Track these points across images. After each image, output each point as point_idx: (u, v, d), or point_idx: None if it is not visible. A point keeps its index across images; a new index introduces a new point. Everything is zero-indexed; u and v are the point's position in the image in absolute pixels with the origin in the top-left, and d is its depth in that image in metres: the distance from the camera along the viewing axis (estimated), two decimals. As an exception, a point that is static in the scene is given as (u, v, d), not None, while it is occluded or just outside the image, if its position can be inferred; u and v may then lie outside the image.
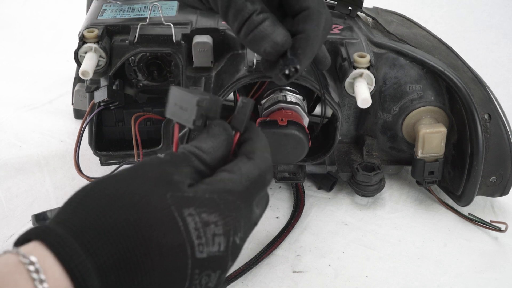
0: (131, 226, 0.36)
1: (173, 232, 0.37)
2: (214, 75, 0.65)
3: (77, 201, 0.37)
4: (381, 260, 0.63)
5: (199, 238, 0.37)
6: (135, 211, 0.36)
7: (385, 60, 0.66)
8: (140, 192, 0.37)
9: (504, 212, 0.70)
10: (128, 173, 0.39)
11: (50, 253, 0.34)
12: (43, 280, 0.33)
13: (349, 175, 0.69)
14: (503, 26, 1.04)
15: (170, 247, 0.36)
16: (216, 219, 0.38)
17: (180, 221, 0.37)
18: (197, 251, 0.37)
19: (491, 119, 0.64)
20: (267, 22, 0.49)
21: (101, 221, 0.36)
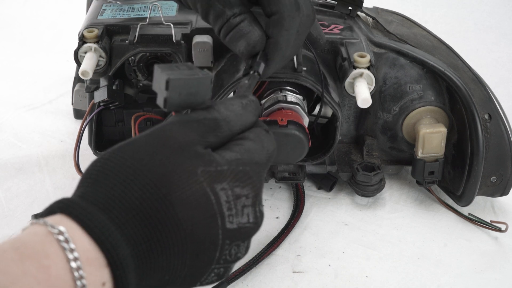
0: (160, 201, 0.35)
1: (205, 206, 0.37)
2: (214, 75, 0.65)
3: (96, 173, 0.36)
4: (381, 260, 0.63)
5: (230, 210, 0.38)
6: (163, 186, 0.35)
7: (385, 60, 0.66)
8: (166, 165, 0.36)
9: (504, 212, 0.70)
10: (147, 141, 0.37)
11: (77, 225, 0.34)
12: (73, 249, 0.32)
13: (349, 175, 0.69)
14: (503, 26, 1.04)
15: (202, 219, 0.36)
16: (248, 192, 0.39)
17: (212, 195, 0.37)
18: (227, 222, 0.38)
19: (491, 119, 0.64)
20: (244, 22, 0.50)
21: (127, 197, 0.35)
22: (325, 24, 0.68)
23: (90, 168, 0.37)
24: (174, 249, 0.36)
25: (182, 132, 0.38)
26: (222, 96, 0.62)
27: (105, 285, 0.33)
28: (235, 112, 0.41)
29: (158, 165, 0.36)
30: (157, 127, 0.39)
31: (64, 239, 0.32)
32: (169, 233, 0.36)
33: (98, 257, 0.33)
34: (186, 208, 0.36)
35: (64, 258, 0.32)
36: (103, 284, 0.33)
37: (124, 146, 0.37)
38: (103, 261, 0.33)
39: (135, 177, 0.35)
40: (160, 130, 0.38)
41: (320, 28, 0.58)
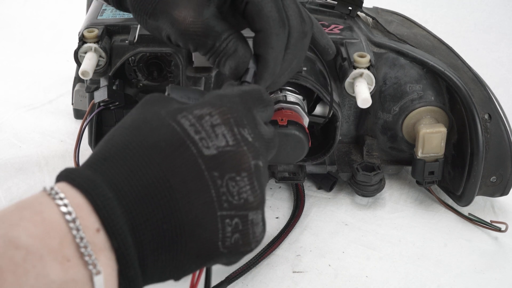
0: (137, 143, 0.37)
1: (170, 134, 0.37)
2: (214, 75, 0.65)
3: (98, 146, 0.40)
4: (381, 260, 0.63)
5: (198, 133, 0.37)
6: (141, 131, 0.38)
7: (385, 60, 0.66)
8: (145, 115, 0.39)
9: (504, 212, 0.70)
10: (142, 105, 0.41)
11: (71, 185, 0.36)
12: (62, 198, 0.34)
13: (349, 175, 0.69)
14: (503, 26, 1.04)
15: (173, 149, 0.36)
16: (209, 110, 0.38)
17: (174, 124, 0.37)
18: (202, 147, 0.37)
19: (491, 119, 0.64)
20: (229, 44, 0.48)
21: (109, 149, 0.38)
22: (325, 24, 0.68)
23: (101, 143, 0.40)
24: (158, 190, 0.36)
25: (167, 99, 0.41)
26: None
27: (99, 231, 0.34)
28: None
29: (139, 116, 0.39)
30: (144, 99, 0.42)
31: (55, 192, 0.35)
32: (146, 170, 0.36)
33: (85, 203, 0.35)
34: (157, 142, 0.37)
35: (55, 205, 0.34)
36: (97, 230, 0.34)
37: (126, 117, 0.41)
38: (91, 208, 0.35)
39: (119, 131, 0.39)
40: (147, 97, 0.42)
41: (328, 38, 0.57)
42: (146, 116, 0.39)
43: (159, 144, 0.37)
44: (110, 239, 0.34)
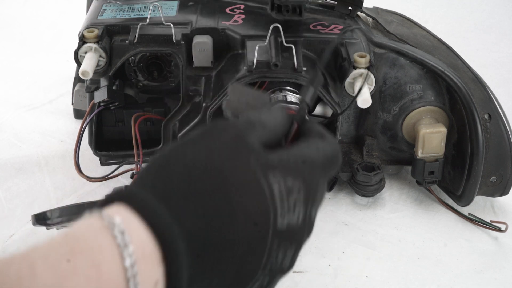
0: (216, 191, 0.35)
1: (259, 196, 0.36)
2: (214, 75, 0.65)
3: (158, 166, 0.36)
4: (381, 260, 0.63)
5: (282, 202, 0.36)
6: (219, 176, 0.35)
7: (385, 60, 0.66)
8: (222, 156, 0.36)
9: (504, 212, 0.70)
10: (203, 138, 0.38)
11: (135, 215, 0.33)
12: (127, 244, 0.31)
13: (349, 175, 0.69)
14: (503, 26, 1.04)
15: (255, 211, 0.35)
16: (299, 185, 0.37)
17: (265, 184, 0.36)
18: (279, 219, 0.36)
19: (491, 119, 0.64)
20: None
21: (185, 187, 0.35)
22: (325, 24, 0.68)
23: (151, 162, 0.37)
24: (226, 244, 0.35)
25: (238, 124, 0.39)
26: (222, 96, 0.62)
27: (157, 284, 0.32)
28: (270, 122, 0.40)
29: (217, 154, 0.36)
30: (211, 125, 0.39)
31: (119, 231, 0.31)
32: (223, 229, 0.35)
33: (153, 251, 0.32)
34: (241, 196, 0.35)
35: (118, 254, 0.30)
36: (156, 283, 0.32)
37: (183, 144, 0.38)
38: (159, 256, 0.32)
39: (194, 169, 0.35)
40: (211, 127, 0.39)
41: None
42: (230, 155, 0.36)
43: (245, 203, 0.35)
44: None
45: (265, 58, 0.61)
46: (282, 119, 0.41)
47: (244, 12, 0.69)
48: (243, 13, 0.69)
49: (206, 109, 0.63)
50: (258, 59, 0.61)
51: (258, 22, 0.68)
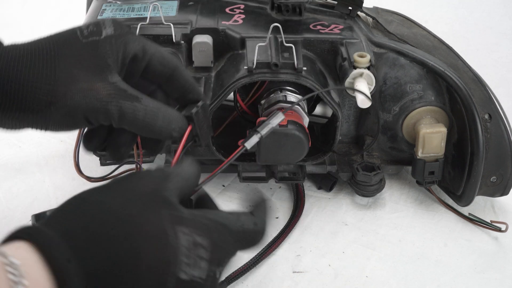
0: (124, 238, 0.36)
1: (164, 247, 0.37)
2: (214, 75, 0.65)
3: (72, 208, 0.38)
4: (381, 260, 0.63)
5: (187, 258, 0.38)
6: (130, 225, 0.37)
7: (385, 60, 0.66)
8: (136, 207, 0.38)
9: (504, 212, 0.70)
10: (122, 186, 0.40)
11: (36, 254, 0.34)
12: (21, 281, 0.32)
13: (349, 175, 0.69)
14: (503, 26, 1.04)
15: (158, 260, 0.37)
16: (207, 244, 0.39)
17: (172, 236, 0.37)
18: (181, 271, 0.37)
19: (492, 119, 0.64)
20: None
21: (95, 230, 0.36)
22: (325, 24, 0.68)
23: (66, 204, 0.38)
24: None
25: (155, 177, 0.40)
26: (222, 96, 0.62)
27: None
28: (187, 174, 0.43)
29: (131, 204, 0.38)
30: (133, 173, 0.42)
31: (16, 273, 0.33)
32: (125, 274, 0.36)
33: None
34: (148, 245, 0.37)
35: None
36: None
37: (104, 188, 0.39)
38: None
39: (109, 213, 0.37)
40: (135, 175, 0.41)
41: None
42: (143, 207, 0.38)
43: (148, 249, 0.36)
44: None
45: (265, 58, 0.61)
46: (194, 170, 0.43)
47: (244, 12, 0.69)
48: (243, 13, 0.69)
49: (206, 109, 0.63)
50: (258, 59, 0.61)
51: (258, 22, 0.68)
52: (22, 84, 0.44)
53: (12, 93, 0.44)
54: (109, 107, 0.44)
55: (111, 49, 0.45)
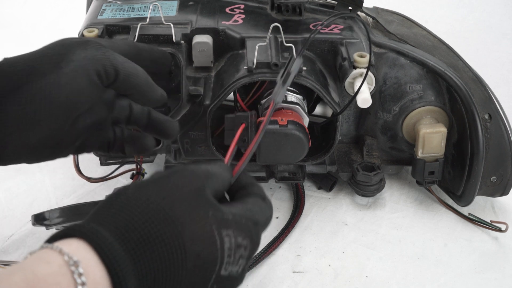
0: (173, 238, 0.38)
1: (211, 249, 0.39)
2: (214, 75, 0.65)
3: (120, 205, 0.39)
4: (381, 260, 0.63)
5: (229, 257, 0.41)
6: (178, 226, 0.39)
7: (385, 60, 0.66)
8: (182, 207, 0.40)
9: (504, 212, 0.70)
10: (167, 184, 0.41)
11: (94, 254, 0.35)
12: (84, 283, 0.34)
13: (349, 175, 0.69)
14: (503, 26, 1.04)
15: (205, 261, 0.39)
16: (246, 244, 0.42)
17: (218, 240, 0.40)
18: (223, 269, 0.40)
19: (492, 119, 0.64)
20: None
21: (146, 230, 0.37)
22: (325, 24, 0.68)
23: (114, 199, 0.39)
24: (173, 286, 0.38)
25: (200, 175, 0.42)
26: (222, 96, 0.62)
27: None
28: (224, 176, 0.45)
29: (178, 204, 0.40)
30: (176, 170, 0.43)
31: (77, 272, 0.34)
32: (174, 273, 0.38)
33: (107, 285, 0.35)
34: (195, 246, 0.39)
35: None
36: None
37: (147, 185, 0.41)
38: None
39: (157, 212, 0.38)
40: (179, 173, 0.42)
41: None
42: (190, 207, 0.40)
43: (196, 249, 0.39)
44: None
45: (265, 58, 0.61)
46: (229, 173, 0.46)
47: (244, 12, 0.69)
48: (243, 13, 0.69)
49: (206, 109, 0.63)
50: (258, 59, 0.61)
51: (258, 22, 0.68)
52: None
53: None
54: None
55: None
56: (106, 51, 0.49)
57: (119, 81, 0.49)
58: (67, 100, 0.46)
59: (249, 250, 0.42)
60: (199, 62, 0.65)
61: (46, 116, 0.46)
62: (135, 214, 0.38)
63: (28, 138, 0.46)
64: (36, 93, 0.45)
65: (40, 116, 0.45)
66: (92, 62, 0.48)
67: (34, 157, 0.48)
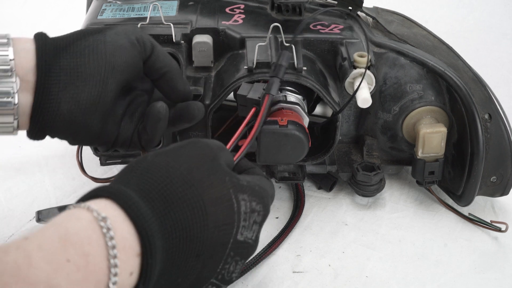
0: (194, 200, 0.40)
1: (229, 211, 0.42)
2: (214, 75, 0.66)
3: (142, 169, 0.41)
4: (381, 260, 0.63)
5: (244, 221, 0.43)
6: (198, 188, 0.41)
7: (385, 60, 0.66)
8: (201, 173, 0.43)
9: (504, 212, 0.70)
10: (185, 152, 0.44)
11: (121, 212, 0.37)
12: (112, 237, 0.35)
13: (349, 175, 0.69)
14: (503, 26, 1.04)
15: (224, 222, 0.42)
16: (260, 209, 0.45)
17: (235, 203, 0.43)
18: (239, 233, 0.43)
19: (492, 119, 0.64)
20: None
21: (169, 191, 0.40)
22: (325, 24, 0.68)
23: (135, 165, 0.42)
24: (196, 245, 0.40)
25: (213, 147, 0.46)
26: (222, 96, 0.62)
27: (132, 274, 0.36)
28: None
29: (196, 169, 0.42)
30: (191, 141, 0.46)
31: (106, 227, 0.36)
32: (196, 233, 0.40)
33: (133, 246, 0.37)
34: (215, 207, 0.41)
35: (103, 245, 0.35)
36: (131, 274, 0.36)
37: (167, 152, 0.44)
38: (137, 251, 0.37)
39: (177, 176, 0.41)
40: (194, 143, 0.46)
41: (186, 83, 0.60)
42: (208, 173, 0.43)
43: (217, 214, 0.42)
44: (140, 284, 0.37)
45: (265, 58, 0.61)
46: (232, 155, 0.49)
47: (244, 11, 0.69)
48: (243, 13, 0.69)
49: (206, 108, 0.63)
50: (258, 59, 0.61)
51: (258, 22, 0.68)
52: None
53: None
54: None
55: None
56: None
57: (155, 55, 0.53)
58: (112, 55, 0.50)
59: (262, 216, 0.45)
60: (199, 62, 0.65)
61: (95, 70, 0.49)
62: (157, 177, 0.40)
63: (79, 94, 0.49)
64: (85, 47, 0.50)
65: (89, 69, 0.49)
66: (132, 30, 0.53)
67: (82, 121, 0.50)
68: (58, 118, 0.49)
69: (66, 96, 0.49)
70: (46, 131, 0.51)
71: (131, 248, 0.36)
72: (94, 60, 0.50)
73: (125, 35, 0.52)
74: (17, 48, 0.49)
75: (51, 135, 0.52)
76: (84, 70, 0.49)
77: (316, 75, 0.63)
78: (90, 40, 0.51)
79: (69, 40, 0.51)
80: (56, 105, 0.49)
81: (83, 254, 0.34)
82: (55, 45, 0.50)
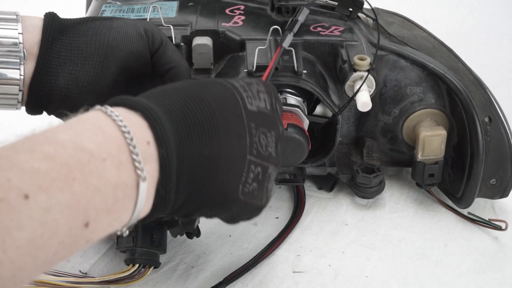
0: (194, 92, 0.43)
1: (223, 88, 0.44)
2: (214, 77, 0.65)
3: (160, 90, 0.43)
4: (381, 260, 0.63)
5: (246, 91, 0.45)
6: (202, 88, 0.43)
7: (385, 62, 0.66)
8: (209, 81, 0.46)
9: (504, 212, 0.70)
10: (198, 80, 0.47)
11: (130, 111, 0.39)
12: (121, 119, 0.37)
13: (349, 176, 0.69)
14: (503, 26, 1.04)
15: (224, 97, 0.43)
16: (256, 82, 0.47)
17: (228, 84, 0.45)
18: (247, 102, 0.44)
19: (492, 122, 0.64)
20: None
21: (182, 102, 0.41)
22: (325, 25, 0.68)
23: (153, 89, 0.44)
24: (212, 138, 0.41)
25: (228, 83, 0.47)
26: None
27: (149, 144, 0.38)
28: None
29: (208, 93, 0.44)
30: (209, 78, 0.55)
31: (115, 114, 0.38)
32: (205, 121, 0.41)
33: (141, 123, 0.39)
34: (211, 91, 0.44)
35: (113, 122, 0.37)
36: (148, 143, 0.38)
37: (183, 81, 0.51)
38: (146, 124, 0.39)
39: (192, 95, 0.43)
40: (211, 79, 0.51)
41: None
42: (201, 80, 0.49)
43: (212, 91, 0.43)
44: (158, 150, 0.38)
45: (265, 60, 0.61)
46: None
47: (244, 13, 0.69)
48: (243, 14, 0.69)
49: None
50: (258, 61, 0.61)
51: (258, 23, 0.68)
52: None
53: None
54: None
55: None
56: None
57: (162, 49, 0.55)
58: (114, 40, 0.52)
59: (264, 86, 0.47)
60: (199, 64, 0.65)
61: (95, 51, 0.52)
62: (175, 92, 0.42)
63: (77, 71, 0.51)
64: (89, 29, 0.52)
65: (90, 50, 0.51)
66: (143, 23, 0.55)
67: (78, 99, 0.52)
68: (55, 91, 0.51)
69: (65, 70, 0.51)
70: (43, 105, 0.53)
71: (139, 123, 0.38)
72: (96, 42, 0.52)
73: (133, 25, 0.54)
74: (26, 24, 0.52)
75: (47, 110, 0.54)
76: (84, 49, 0.51)
77: (316, 78, 0.63)
78: (96, 23, 0.53)
79: (76, 21, 0.54)
80: (54, 78, 0.51)
81: (97, 126, 0.37)
82: (62, 23, 0.53)
